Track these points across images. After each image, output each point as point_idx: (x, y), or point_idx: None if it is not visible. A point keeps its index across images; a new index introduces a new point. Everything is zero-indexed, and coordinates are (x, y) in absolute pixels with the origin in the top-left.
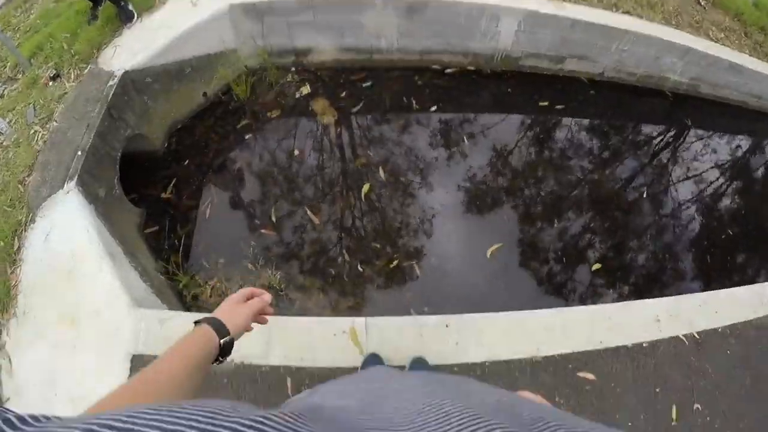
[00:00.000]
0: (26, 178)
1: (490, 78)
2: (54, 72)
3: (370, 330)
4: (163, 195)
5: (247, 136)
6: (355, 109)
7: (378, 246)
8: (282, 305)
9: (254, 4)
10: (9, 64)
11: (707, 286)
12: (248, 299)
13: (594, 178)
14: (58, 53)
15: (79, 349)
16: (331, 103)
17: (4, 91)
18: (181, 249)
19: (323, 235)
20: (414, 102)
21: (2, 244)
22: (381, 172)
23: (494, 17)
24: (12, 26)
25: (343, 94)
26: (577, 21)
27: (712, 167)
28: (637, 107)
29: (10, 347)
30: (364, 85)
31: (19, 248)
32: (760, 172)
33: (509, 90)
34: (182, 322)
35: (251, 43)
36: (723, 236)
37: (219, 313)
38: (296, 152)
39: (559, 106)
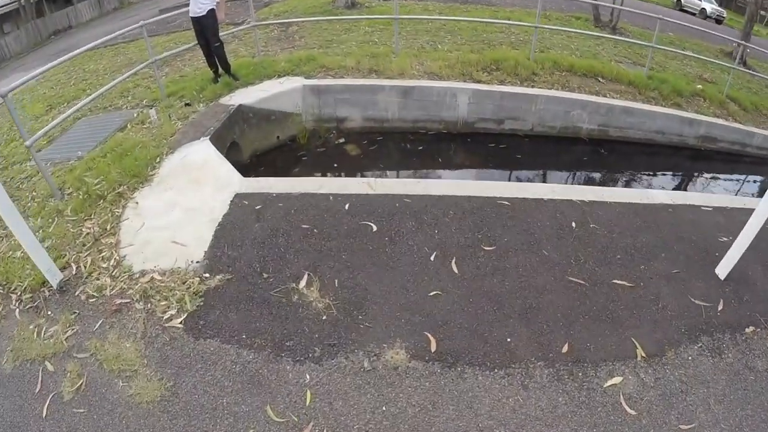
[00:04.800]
0: (170, 138)
1: (456, 136)
2: (186, 102)
3: None
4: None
5: (304, 158)
6: (371, 149)
7: None
8: None
9: (317, 86)
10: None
11: None
12: None
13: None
14: (190, 96)
15: (200, 191)
16: (357, 145)
17: (154, 106)
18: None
19: None
20: (407, 146)
21: (149, 157)
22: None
23: (454, 95)
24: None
25: (365, 142)
26: (505, 92)
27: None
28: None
29: (137, 196)
30: (378, 138)
31: (160, 161)
32: None
33: (469, 140)
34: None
35: (311, 110)
36: None
37: None
38: (335, 164)
39: (502, 146)
